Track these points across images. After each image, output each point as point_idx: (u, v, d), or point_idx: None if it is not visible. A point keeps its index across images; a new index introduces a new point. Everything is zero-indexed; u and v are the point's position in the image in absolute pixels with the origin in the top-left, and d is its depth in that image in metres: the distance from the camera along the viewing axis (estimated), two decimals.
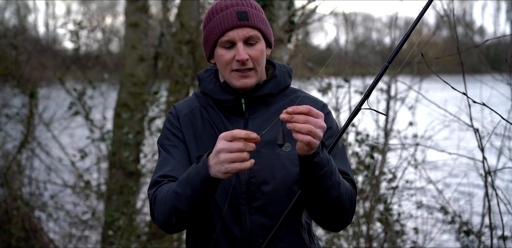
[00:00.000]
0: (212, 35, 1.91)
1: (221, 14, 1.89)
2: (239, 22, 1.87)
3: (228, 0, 1.93)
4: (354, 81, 5.51)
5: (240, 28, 1.87)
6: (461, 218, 4.59)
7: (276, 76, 1.98)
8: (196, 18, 5.83)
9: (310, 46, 7.65)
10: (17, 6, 10.05)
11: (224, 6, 1.90)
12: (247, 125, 1.94)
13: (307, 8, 6.10)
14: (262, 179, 1.89)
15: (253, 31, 1.89)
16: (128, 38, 6.18)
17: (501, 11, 10.76)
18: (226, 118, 1.96)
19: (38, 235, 5.49)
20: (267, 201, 1.89)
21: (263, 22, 1.92)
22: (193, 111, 2.00)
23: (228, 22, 1.87)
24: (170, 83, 6.05)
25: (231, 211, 1.89)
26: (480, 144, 3.37)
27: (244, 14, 1.88)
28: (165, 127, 2.03)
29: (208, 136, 1.94)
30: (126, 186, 5.64)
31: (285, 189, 1.89)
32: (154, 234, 5.53)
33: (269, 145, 1.91)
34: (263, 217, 1.89)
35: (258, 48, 1.90)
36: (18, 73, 6.02)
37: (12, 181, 5.70)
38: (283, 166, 1.90)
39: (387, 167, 5.14)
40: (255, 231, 1.89)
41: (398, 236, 4.84)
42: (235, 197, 1.89)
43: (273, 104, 1.98)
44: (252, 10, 1.91)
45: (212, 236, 1.92)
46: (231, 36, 1.87)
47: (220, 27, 1.88)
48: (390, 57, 1.91)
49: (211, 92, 1.98)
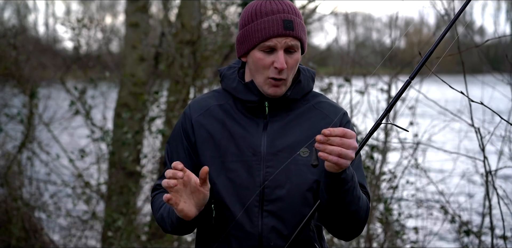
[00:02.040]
0: (253, 37, 1.89)
1: (266, 18, 1.88)
2: (285, 31, 1.87)
3: (274, 1, 1.91)
4: (354, 82, 5.51)
5: (284, 37, 1.87)
6: (461, 218, 4.59)
7: (301, 82, 1.98)
8: (196, 18, 5.83)
9: (311, 46, 7.64)
10: (17, 6, 10.05)
11: (270, 11, 1.89)
12: (266, 127, 1.94)
13: (307, 8, 6.11)
14: (277, 183, 1.89)
15: (295, 41, 1.89)
16: (128, 38, 6.18)
17: (501, 11, 10.82)
18: (246, 118, 1.96)
19: (38, 235, 5.48)
20: (280, 205, 1.89)
21: (304, 32, 1.93)
22: (206, 112, 1.99)
23: (274, 29, 1.87)
24: (171, 83, 6.05)
25: (244, 213, 1.89)
26: (481, 143, 3.37)
27: (290, 23, 1.87)
28: (176, 127, 2.05)
29: (223, 135, 1.94)
30: (126, 187, 5.63)
31: (299, 195, 1.90)
32: (154, 234, 5.52)
33: (288, 149, 1.91)
34: (275, 220, 1.89)
35: (296, 58, 1.91)
36: (18, 73, 6.01)
37: (12, 181, 5.70)
38: (299, 171, 1.90)
39: (387, 167, 5.14)
40: (267, 234, 1.89)
41: (398, 236, 4.84)
42: (248, 199, 1.89)
43: (295, 108, 1.98)
44: (297, 19, 1.90)
45: (224, 236, 1.92)
46: (274, 42, 1.87)
47: (264, 32, 1.87)
48: (412, 72, 1.91)
49: (234, 90, 1.97)
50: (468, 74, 3.39)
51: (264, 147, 1.91)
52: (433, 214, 5.11)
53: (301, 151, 1.91)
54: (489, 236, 3.78)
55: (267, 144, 1.91)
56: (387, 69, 5.83)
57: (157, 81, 6.40)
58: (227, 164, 1.92)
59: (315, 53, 6.78)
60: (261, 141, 1.91)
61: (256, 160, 1.90)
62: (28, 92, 5.97)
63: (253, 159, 1.90)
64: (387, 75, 5.45)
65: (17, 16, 10.13)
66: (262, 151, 1.90)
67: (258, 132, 1.93)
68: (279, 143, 1.91)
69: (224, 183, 1.91)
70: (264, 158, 1.90)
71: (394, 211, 4.92)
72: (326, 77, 5.62)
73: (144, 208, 5.95)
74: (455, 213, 4.63)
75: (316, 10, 6.10)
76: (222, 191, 1.91)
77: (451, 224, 4.68)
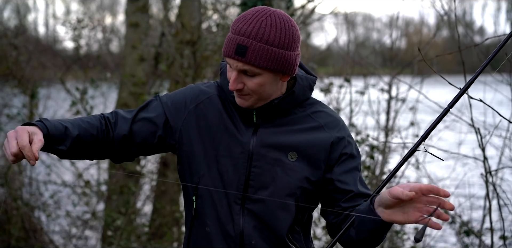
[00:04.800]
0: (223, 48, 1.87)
1: (230, 35, 1.82)
2: (235, 55, 1.78)
3: (250, 19, 1.80)
4: (354, 82, 5.51)
5: (235, 60, 1.79)
6: (461, 218, 4.59)
7: (294, 93, 1.91)
8: (197, 18, 5.82)
9: (311, 47, 7.64)
10: (17, 6, 10.05)
11: (235, 30, 1.81)
12: (258, 127, 1.91)
13: (306, 8, 6.11)
14: (261, 184, 1.87)
15: (248, 66, 1.79)
16: (129, 38, 6.18)
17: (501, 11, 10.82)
18: (239, 114, 1.93)
19: (38, 235, 5.48)
20: (261, 206, 1.88)
21: (268, 59, 1.78)
22: (208, 99, 1.96)
23: (227, 49, 1.81)
24: (171, 83, 6.04)
25: (226, 209, 1.88)
26: (481, 143, 3.36)
27: (243, 49, 1.77)
28: (185, 90, 2.00)
29: (218, 127, 1.91)
30: (126, 186, 5.63)
31: (281, 198, 1.87)
32: (154, 234, 5.52)
33: (276, 150, 1.89)
34: (256, 220, 1.88)
35: (256, 81, 1.81)
36: (18, 73, 6.01)
37: (12, 181, 5.69)
38: (285, 175, 1.88)
39: (387, 167, 5.14)
40: (248, 232, 1.88)
41: (398, 236, 4.83)
42: (231, 195, 1.88)
43: (289, 115, 1.93)
44: (258, 45, 1.77)
45: (207, 231, 1.91)
46: (230, 62, 1.82)
47: (223, 49, 1.83)
48: (452, 100, 1.85)
49: (228, 91, 1.93)
50: (468, 74, 3.38)
51: (252, 146, 1.88)
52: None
53: (289, 155, 1.88)
54: (489, 236, 3.78)
55: (256, 143, 1.88)
56: (387, 69, 5.83)
57: (157, 81, 6.40)
58: (219, 158, 1.90)
59: (315, 53, 6.79)
60: (250, 139, 1.89)
61: (243, 158, 1.88)
62: (28, 92, 5.97)
63: (240, 156, 1.88)
64: (387, 75, 5.45)
65: (17, 16, 10.14)
66: (250, 149, 1.88)
67: (249, 130, 1.90)
68: (268, 144, 1.89)
69: (214, 176, 1.89)
70: (251, 157, 1.88)
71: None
72: (326, 77, 5.61)
73: (144, 208, 5.95)
74: (455, 213, 4.63)
75: (315, 10, 6.10)
76: (210, 185, 1.89)
77: (451, 224, 4.67)
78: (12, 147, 1.66)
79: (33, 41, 8.42)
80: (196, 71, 5.66)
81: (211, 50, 5.67)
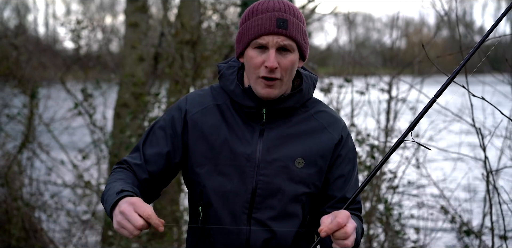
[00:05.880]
0: (247, 34, 1.84)
1: (261, 16, 1.82)
2: (277, 29, 1.80)
3: (271, 1, 1.86)
4: (354, 82, 5.50)
5: (276, 35, 1.80)
6: (461, 218, 4.58)
7: (302, 90, 1.92)
8: (196, 18, 5.82)
9: (311, 46, 7.64)
10: (17, 6, 10.05)
11: (266, 9, 1.83)
12: (263, 134, 1.89)
13: (306, 8, 6.11)
14: (269, 192, 1.86)
15: (289, 41, 1.82)
16: (128, 38, 6.18)
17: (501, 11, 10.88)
18: (243, 122, 1.90)
19: (38, 235, 5.48)
20: (269, 214, 1.86)
21: (301, 34, 1.85)
22: (203, 110, 1.92)
23: (266, 26, 1.81)
24: (170, 83, 6.04)
25: (231, 219, 1.86)
26: (482, 143, 3.36)
27: (284, 22, 1.81)
28: (167, 114, 1.97)
29: (218, 137, 1.89)
30: None
31: (288, 205, 1.87)
32: (154, 234, 5.52)
33: (283, 159, 1.87)
34: (263, 229, 1.86)
35: (290, 58, 1.83)
36: (19, 73, 6.01)
37: (12, 181, 5.69)
38: (291, 182, 1.87)
39: (387, 167, 5.13)
40: (254, 242, 1.86)
41: (398, 236, 4.83)
42: (238, 205, 1.86)
43: (293, 116, 1.93)
44: (294, 19, 1.83)
45: (211, 242, 1.89)
46: (265, 40, 1.81)
47: (257, 29, 1.81)
48: (438, 90, 1.89)
49: (232, 93, 1.91)
50: (468, 74, 3.38)
51: (259, 154, 1.86)
52: (433, 214, 5.11)
53: (296, 161, 1.88)
54: (489, 236, 3.78)
55: (262, 151, 1.86)
56: (387, 69, 5.82)
57: (157, 82, 6.40)
58: (220, 167, 1.87)
59: (315, 53, 6.78)
60: (256, 147, 1.87)
61: (250, 167, 1.86)
62: (28, 92, 5.97)
63: (246, 165, 1.86)
64: (388, 75, 5.44)
65: (17, 16, 10.13)
66: (256, 157, 1.86)
67: (254, 138, 1.88)
68: (275, 152, 1.87)
69: (215, 186, 1.87)
70: (258, 165, 1.86)
71: (395, 211, 4.91)
72: (326, 77, 5.61)
73: None
74: (455, 213, 4.62)
75: (315, 10, 6.10)
76: (211, 195, 1.87)
77: (452, 224, 4.67)
78: (138, 220, 1.64)
79: (33, 41, 8.40)
80: (196, 71, 5.66)
81: (211, 50, 5.67)
